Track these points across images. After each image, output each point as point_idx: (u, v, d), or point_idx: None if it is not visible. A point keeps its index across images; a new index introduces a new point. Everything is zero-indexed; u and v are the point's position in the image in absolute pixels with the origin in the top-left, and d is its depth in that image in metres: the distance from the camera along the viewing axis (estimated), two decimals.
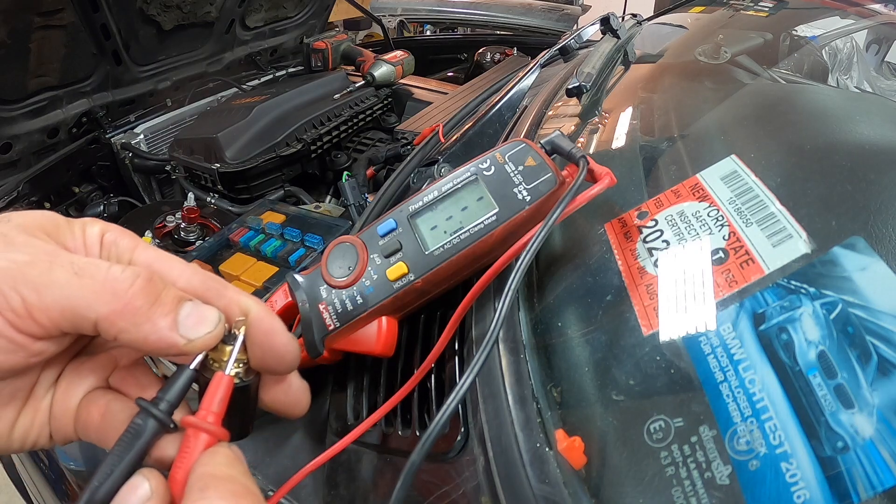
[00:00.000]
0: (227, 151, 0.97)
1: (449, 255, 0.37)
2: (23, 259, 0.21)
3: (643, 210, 0.39)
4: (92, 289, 0.21)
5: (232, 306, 0.24)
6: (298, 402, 0.27)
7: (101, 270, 0.21)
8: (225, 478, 0.20)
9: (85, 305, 0.21)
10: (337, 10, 1.66)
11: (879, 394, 0.26)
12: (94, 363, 0.25)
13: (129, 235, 0.25)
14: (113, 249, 0.24)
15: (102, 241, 0.24)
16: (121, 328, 0.21)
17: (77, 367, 0.25)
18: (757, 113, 0.50)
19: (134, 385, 0.25)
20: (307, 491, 0.42)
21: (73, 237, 0.23)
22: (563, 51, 0.80)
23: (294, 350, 0.25)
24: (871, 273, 0.30)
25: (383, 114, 1.27)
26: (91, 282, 0.21)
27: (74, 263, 0.21)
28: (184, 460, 0.21)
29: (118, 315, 0.21)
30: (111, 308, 0.21)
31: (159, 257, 0.24)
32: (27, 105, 0.96)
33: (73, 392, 0.24)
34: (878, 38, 0.84)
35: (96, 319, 0.21)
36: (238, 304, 0.24)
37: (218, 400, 0.22)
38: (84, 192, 1.15)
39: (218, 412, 0.22)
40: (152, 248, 0.25)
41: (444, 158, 0.58)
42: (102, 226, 0.24)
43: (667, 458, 0.28)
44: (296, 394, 0.27)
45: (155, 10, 1.07)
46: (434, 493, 0.33)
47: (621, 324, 0.34)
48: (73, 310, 0.21)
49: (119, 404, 0.24)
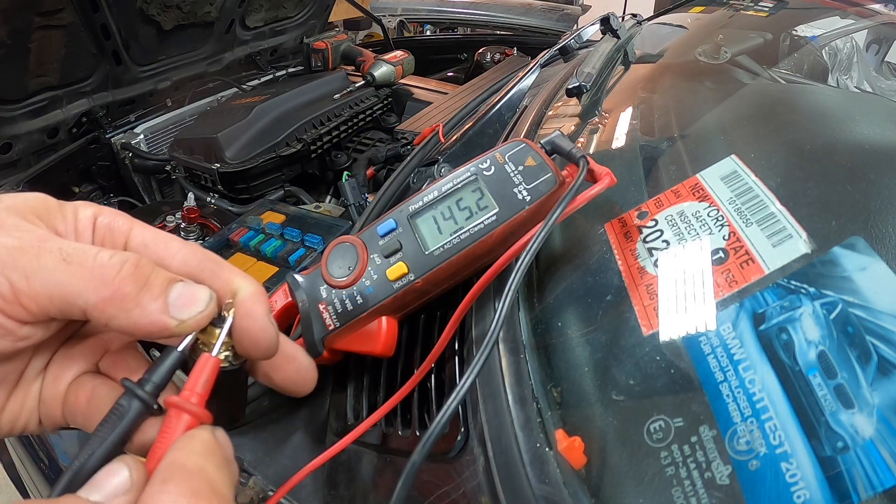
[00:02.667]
0: (227, 151, 0.97)
1: (449, 255, 0.37)
2: (12, 243, 0.20)
3: (643, 210, 0.39)
4: (80, 276, 0.21)
5: (226, 287, 0.24)
6: (306, 381, 0.27)
7: (90, 257, 0.21)
8: (193, 470, 0.19)
9: (74, 293, 0.20)
10: (337, 10, 1.66)
11: (879, 394, 0.26)
12: (85, 347, 0.25)
13: (123, 217, 0.24)
14: (106, 232, 0.24)
15: (95, 225, 0.24)
16: (111, 315, 0.21)
17: (67, 351, 0.25)
18: (757, 113, 0.50)
19: (124, 369, 0.25)
20: (307, 491, 0.42)
21: (64, 221, 0.23)
22: (563, 51, 0.80)
23: (270, 336, 0.24)
24: (871, 273, 0.30)
25: (383, 114, 1.27)
26: (79, 269, 0.21)
27: (63, 249, 0.21)
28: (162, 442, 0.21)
29: (107, 302, 0.21)
30: (100, 295, 0.21)
31: (156, 237, 0.24)
32: (27, 105, 0.96)
33: (62, 377, 0.24)
34: (878, 38, 0.84)
35: (85, 307, 0.21)
36: (230, 285, 0.24)
37: (203, 381, 0.22)
38: (84, 192, 1.15)
39: (202, 393, 0.22)
40: (149, 228, 0.24)
41: (444, 158, 0.58)
42: (96, 209, 0.24)
43: (667, 458, 0.28)
44: (304, 371, 0.27)
45: (155, 10, 1.07)
46: (434, 493, 0.33)
47: (621, 324, 0.34)
48: (61, 297, 0.20)
49: (105, 388, 0.24)
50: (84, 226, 0.23)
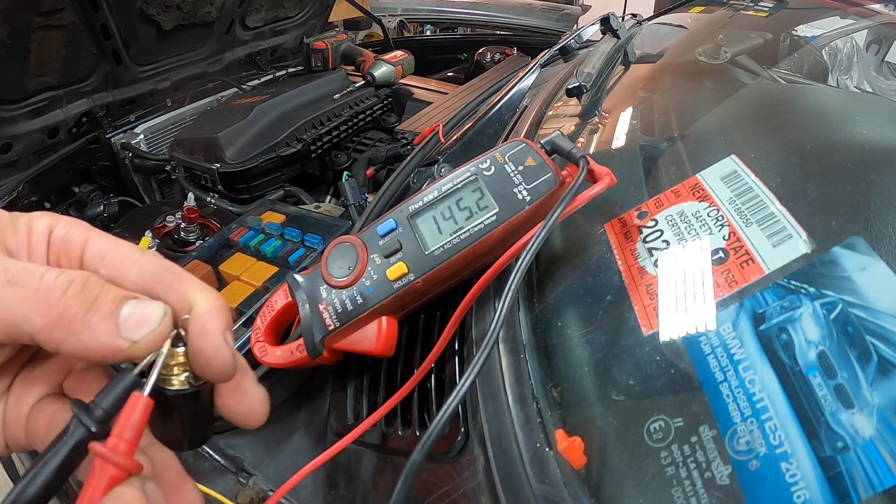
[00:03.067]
0: (227, 151, 0.97)
1: (449, 255, 0.37)
2: None
3: (643, 210, 0.39)
4: (25, 298, 0.19)
5: (184, 301, 0.22)
6: (254, 413, 0.24)
7: (35, 277, 0.20)
8: None
9: (19, 317, 0.19)
10: (337, 10, 1.66)
11: (879, 394, 0.26)
12: (47, 368, 0.24)
13: (80, 226, 0.22)
14: (62, 245, 0.22)
15: (50, 238, 0.22)
16: (59, 339, 0.19)
17: (28, 373, 0.23)
18: (757, 113, 0.50)
19: (86, 391, 0.23)
20: (307, 491, 0.42)
21: (16, 236, 0.22)
22: (563, 51, 0.80)
23: (225, 357, 0.21)
24: (871, 273, 0.30)
25: (383, 114, 1.27)
26: (24, 291, 0.19)
27: (8, 270, 0.20)
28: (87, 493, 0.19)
29: (54, 326, 0.19)
30: (46, 319, 0.19)
31: (113, 248, 0.22)
32: (27, 105, 0.96)
33: (24, 400, 0.23)
34: (878, 38, 0.84)
35: (32, 331, 0.19)
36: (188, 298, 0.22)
37: (132, 425, 0.20)
38: (84, 192, 1.15)
39: (131, 440, 0.19)
40: (106, 239, 0.22)
41: (444, 158, 0.58)
42: (51, 220, 0.22)
43: (667, 458, 0.28)
44: (251, 402, 0.24)
45: (155, 10, 1.07)
46: (434, 493, 0.33)
47: (621, 324, 0.34)
48: (6, 321, 0.19)
49: (64, 414, 0.22)
50: (38, 240, 0.22)
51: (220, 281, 0.69)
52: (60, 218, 0.23)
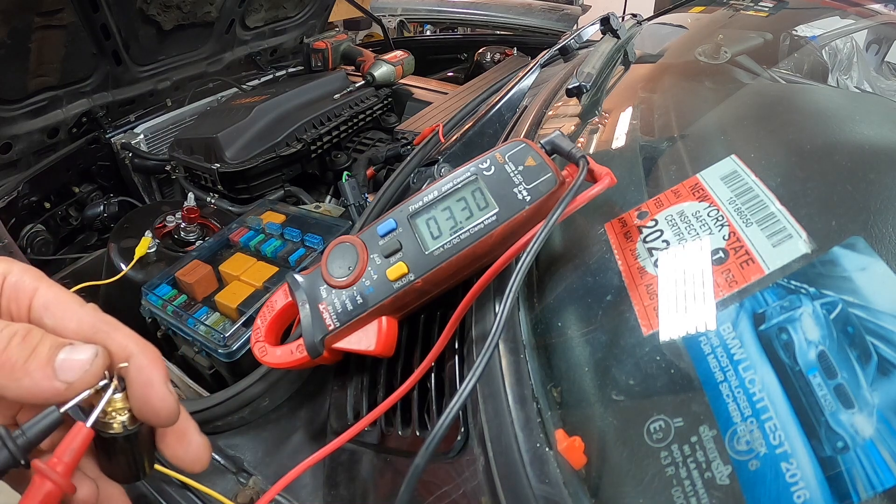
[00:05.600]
0: (227, 151, 0.97)
1: (449, 255, 0.37)
2: None
3: (643, 210, 0.39)
4: None
5: (121, 351, 0.24)
6: (197, 460, 0.26)
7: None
8: None
9: None
10: (337, 10, 1.66)
11: (879, 394, 0.26)
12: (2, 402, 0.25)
13: (31, 275, 0.25)
14: (12, 293, 0.24)
15: (3, 285, 0.24)
16: (3, 385, 0.21)
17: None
18: (757, 113, 0.50)
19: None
20: (307, 491, 0.42)
21: None
22: (563, 51, 0.80)
23: (170, 406, 0.24)
24: (871, 273, 0.30)
25: (383, 114, 1.27)
26: None
27: None
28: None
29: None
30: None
31: (57, 299, 0.24)
32: (27, 105, 0.96)
33: None
34: (878, 38, 0.84)
35: None
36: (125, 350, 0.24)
37: (71, 450, 0.22)
38: (84, 192, 1.15)
39: (69, 462, 0.22)
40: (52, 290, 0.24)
41: (444, 158, 0.58)
42: (5, 267, 0.24)
43: (667, 458, 0.28)
44: (195, 451, 0.26)
45: (155, 10, 1.07)
46: (434, 492, 0.33)
47: (621, 324, 0.34)
48: None
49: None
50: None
51: (220, 281, 0.69)
52: (14, 265, 0.25)
